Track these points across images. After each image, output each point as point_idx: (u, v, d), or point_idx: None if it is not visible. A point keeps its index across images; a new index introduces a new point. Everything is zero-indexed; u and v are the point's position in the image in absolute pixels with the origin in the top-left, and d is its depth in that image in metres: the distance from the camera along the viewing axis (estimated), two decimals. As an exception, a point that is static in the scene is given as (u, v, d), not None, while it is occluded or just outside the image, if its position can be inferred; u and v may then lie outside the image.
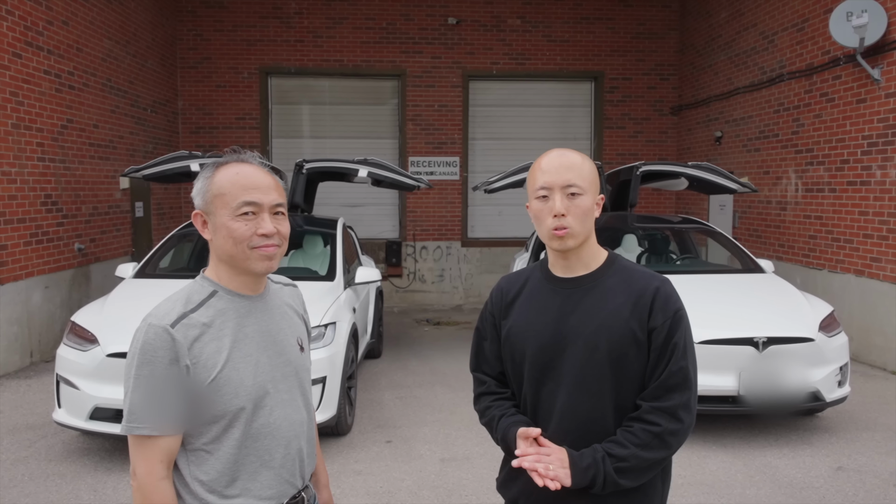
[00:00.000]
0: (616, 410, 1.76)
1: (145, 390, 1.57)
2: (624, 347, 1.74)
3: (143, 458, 1.59)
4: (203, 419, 1.63)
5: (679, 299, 1.80)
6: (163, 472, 1.60)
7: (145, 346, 1.58)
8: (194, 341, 1.61)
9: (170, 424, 1.59)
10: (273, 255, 1.68)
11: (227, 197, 1.65)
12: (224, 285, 1.71)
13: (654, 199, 12.70)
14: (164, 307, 1.65)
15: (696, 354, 1.81)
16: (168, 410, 1.58)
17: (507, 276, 2.00)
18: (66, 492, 4.31)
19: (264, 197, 1.67)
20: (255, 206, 1.66)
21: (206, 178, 1.70)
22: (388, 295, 11.75)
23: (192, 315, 1.63)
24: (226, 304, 1.69)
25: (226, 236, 1.65)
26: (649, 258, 7.29)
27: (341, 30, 11.96)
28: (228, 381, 1.63)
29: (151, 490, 1.59)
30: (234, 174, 1.67)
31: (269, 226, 1.66)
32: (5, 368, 6.97)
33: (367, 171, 7.41)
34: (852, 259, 7.91)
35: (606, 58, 12.38)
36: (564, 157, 1.79)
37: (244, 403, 1.65)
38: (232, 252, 1.66)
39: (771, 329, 5.05)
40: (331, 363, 5.01)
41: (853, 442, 5.19)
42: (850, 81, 7.92)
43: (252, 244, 1.65)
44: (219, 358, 1.63)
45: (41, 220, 7.61)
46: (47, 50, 7.71)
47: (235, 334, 1.67)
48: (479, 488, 4.40)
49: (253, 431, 1.68)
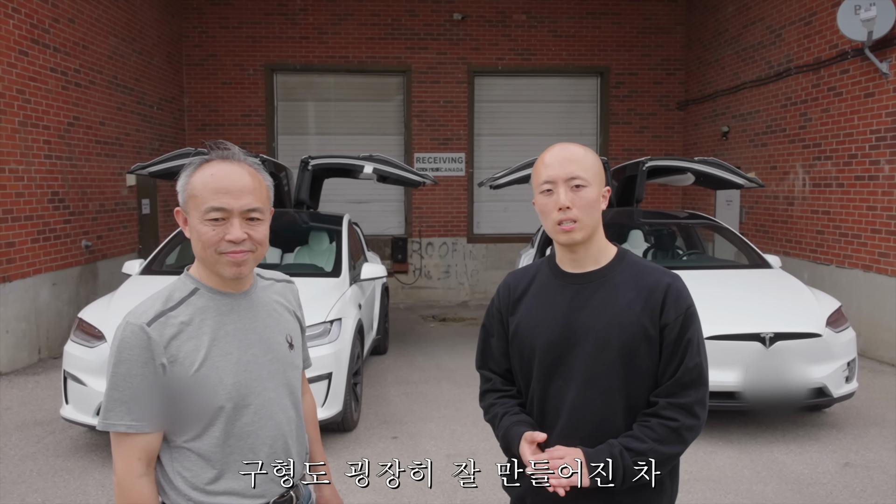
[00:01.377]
0: (627, 409, 1.75)
1: (121, 388, 1.57)
2: (635, 344, 1.73)
3: (122, 455, 1.59)
4: (183, 417, 1.62)
5: (690, 296, 1.79)
6: (141, 469, 1.60)
7: (122, 343, 1.58)
8: (171, 339, 1.60)
9: (145, 422, 1.58)
10: (242, 262, 1.64)
11: (198, 199, 1.62)
12: (205, 283, 1.69)
13: (661, 194, 12.66)
14: (144, 305, 1.64)
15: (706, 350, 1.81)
16: (143, 408, 1.57)
17: (513, 272, 1.99)
18: (74, 487, 4.34)
19: (234, 202, 1.61)
20: (223, 212, 1.61)
21: (187, 175, 1.67)
22: (394, 291, 11.75)
23: (171, 313, 1.62)
24: (206, 302, 1.67)
25: (196, 239, 1.65)
26: (655, 254, 7.27)
27: (346, 26, 11.95)
28: (207, 379, 1.61)
29: (129, 487, 1.59)
30: (209, 176, 1.63)
31: (237, 232, 1.61)
32: (13, 365, 7.01)
33: (372, 167, 7.41)
34: (860, 254, 7.86)
35: (612, 53, 12.34)
36: (566, 150, 1.78)
37: (224, 402, 1.63)
38: (201, 255, 1.65)
39: (778, 324, 5.03)
40: (336, 359, 5.01)
41: (861, 438, 5.16)
42: (857, 75, 7.87)
43: (220, 249, 1.62)
44: (196, 356, 1.61)
45: (48, 217, 7.64)
46: (53, 47, 7.74)
47: (215, 332, 1.65)
48: (485, 484, 4.40)
49: (236, 430, 1.66)
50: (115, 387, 1.58)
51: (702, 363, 1.74)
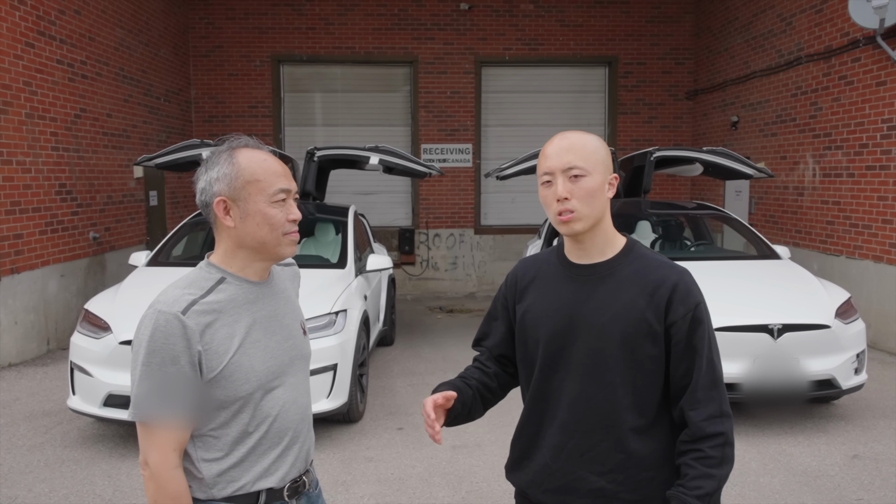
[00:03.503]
0: (634, 406, 1.72)
1: (156, 378, 1.56)
2: (639, 339, 1.70)
3: (156, 447, 1.58)
4: (213, 405, 1.63)
5: (699, 292, 1.75)
6: (176, 460, 1.60)
7: (155, 333, 1.56)
8: (206, 327, 1.60)
9: (181, 413, 1.58)
10: (297, 240, 1.72)
11: (262, 183, 1.64)
12: (235, 272, 1.69)
13: (669, 185, 12.58)
14: (171, 294, 1.62)
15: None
16: (179, 398, 1.57)
17: (523, 260, 1.97)
18: (81, 477, 4.36)
19: (290, 184, 1.70)
20: (286, 193, 1.68)
21: (230, 162, 1.65)
22: (402, 283, 11.75)
23: (203, 301, 1.62)
24: (235, 291, 1.68)
25: (261, 223, 1.64)
26: (663, 245, 7.22)
27: (353, 16, 11.91)
28: (239, 366, 1.63)
29: (167, 479, 1.58)
30: (262, 160, 1.67)
31: (297, 212, 1.70)
32: (22, 356, 7.05)
33: (378, 158, 7.39)
34: (871, 245, 7.78)
35: (621, 42, 12.24)
36: (565, 140, 1.74)
37: (253, 389, 1.65)
38: (265, 238, 1.66)
39: (786, 316, 4.99)
40: (342, 350, 5.01)
41: (869, 430, 5.12)
42: (869, 64, 7.77)
43: (285, 230, 1.67)
44: (231, 344, 1.62)
45: (56, 209, 7.66)
46: (60, 39, 7.74)
47: (246, 320, 1.67)
48: (490, 475, 4.40)
49: (261, 415, 1.68)
50: (148, 376, 1.56)
51: (715, 359, 1.72)
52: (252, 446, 1.67)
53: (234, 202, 1.65)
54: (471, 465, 4.57)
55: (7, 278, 6.79)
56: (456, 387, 1.86)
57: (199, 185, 1.69)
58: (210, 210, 1.68)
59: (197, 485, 1.65)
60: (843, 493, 4.14)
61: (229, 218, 1.66)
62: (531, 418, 1.84)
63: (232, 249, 1.69)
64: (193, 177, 1.75)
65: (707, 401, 1.68)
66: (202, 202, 1.69)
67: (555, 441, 1.78)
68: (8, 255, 6.80)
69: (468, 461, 4.62)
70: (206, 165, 1.69)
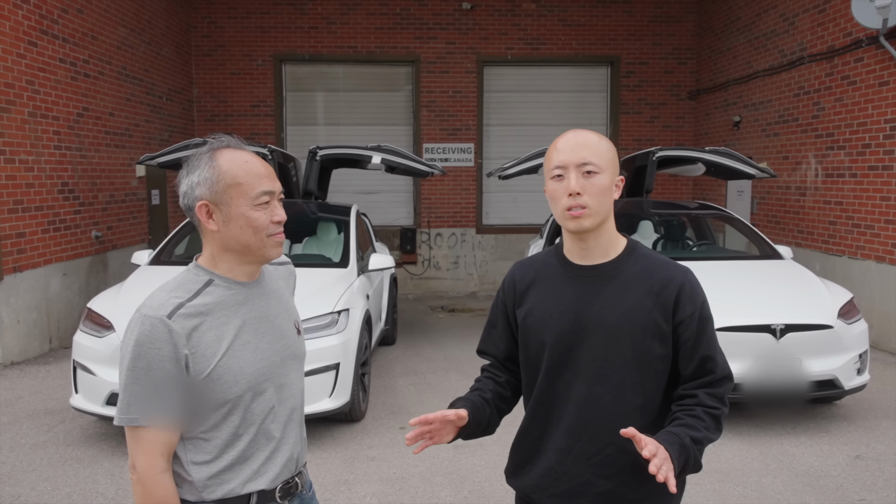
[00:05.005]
0: (642, 407, 1.72)
1: (142, 382, 1.55)
2: (647, 339, 1.70)
3: (143, 451, 1.57)
4: (202, 408, 1.61)
5: (703, 290, 1.78)
6: (163, 464, 1.59)
7: (141, 337, 1.55)
8: (193, 331, 1.58)
9: (169, 417, 1.57)
10: (282, 241, 1.70)
11: (244, 186, 1.61)
12: (222, 274, 1.68)
13: (671, 184, 12.58)
14: (158, 297, 1.61)
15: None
16: (165, 402, 1.56)
17: (519, 263, 1.95)
18: (84, 476, 4.37)
19: (274, 185, 1.66)
20: (270, 195, 1.65)
21: (210, 166, 1.63)
22: (403, 282, 11.75)
23: (190, 304, 1.60)
24: (223, 293, 1.66)
25: (244, 226, 1.62)
26: (665, 245, 7.22)
27: (355, 16, 11.91)
28: (228, 369, 1.61)
29: (153, 483, 1.58)
30: (244, 162, 1.63)
31: (282, 213, 1.67)
32: (25, 355, 7.06)
33: (380, 157, 7.39)
34: (873, 245, 7.78)
35: (623, 42, 12.23)
36: (580, 136, 1.74)
37: (243, 391, 1.64)
38: (249, 241, 1.63)
39: (789, 316, 4.98)
40: (344, 350, 5.01)
41: (872, 430, 5.12)
42: (872, 64, 7.76)
43: (269, 232, 1.64)
44: (219, 347, 1.61)
45: (58, 207, 7.67)
46: (62, 38, 7.74)
47: (235, 322, 1.65)
48: (493, 475, 4.40)
49: (252, 417, 1.67)
50: (135, 381, 1.55)
51: (718, 355, 1.75)
52: (243, 448, 1.66)
53: (217, 206, 1.62)
54: (473, 464, 4.57)
55: (9, 277, 6.80)
56: (473, 404, 1.85)
57: (181, 189, 1.66)
58: (193, 214, 1.66)
59: (187, 487, 1.64)
60: (845, 494, 4.14)
61: (212, 222, 1.64)
62: (535, 422, 1.83)
63: (218, 252, 1.67)
64: (175, 179, 1.72)
65: (716, 386, 1.73)
66: (185, 206, 1.67)
67: (560, 444, 1.77)
68: (10, 254, 6.81)
69: (470, 461, 4.62)
70: (188, 168, 1.66)
